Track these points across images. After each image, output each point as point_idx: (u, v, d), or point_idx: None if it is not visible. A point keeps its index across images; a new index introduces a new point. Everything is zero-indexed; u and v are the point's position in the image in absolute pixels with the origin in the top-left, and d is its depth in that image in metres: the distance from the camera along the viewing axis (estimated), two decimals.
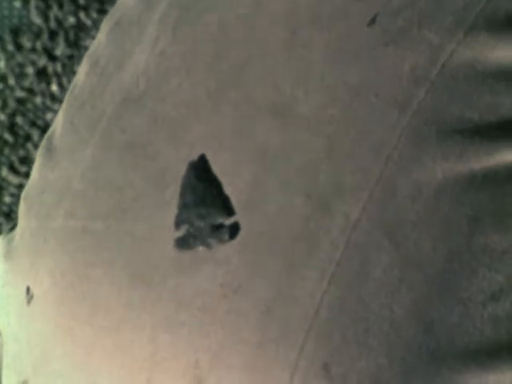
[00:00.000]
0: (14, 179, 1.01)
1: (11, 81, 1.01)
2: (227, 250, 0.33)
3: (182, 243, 0.34)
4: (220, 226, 0.33)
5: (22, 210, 0.42)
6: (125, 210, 0.36)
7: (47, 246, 0.37)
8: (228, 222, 0.33)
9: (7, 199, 1.01)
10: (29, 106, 1.02)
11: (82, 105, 0.42)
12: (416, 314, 0.33)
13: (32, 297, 0.37)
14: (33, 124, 1.01)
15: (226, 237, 0.33)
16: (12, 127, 1.02)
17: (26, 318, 0.37)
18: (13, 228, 0.42)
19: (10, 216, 1.00)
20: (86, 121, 0.40)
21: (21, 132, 1.02)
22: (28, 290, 0.37)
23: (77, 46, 0.94)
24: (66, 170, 0.39)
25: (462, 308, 0.34)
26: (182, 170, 0.35)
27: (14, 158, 1.01)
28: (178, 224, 0.34)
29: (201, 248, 0.33)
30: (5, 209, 1.01)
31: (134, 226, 0.35)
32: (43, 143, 0.42)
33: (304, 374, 0.32)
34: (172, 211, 0.35)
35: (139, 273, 0.34)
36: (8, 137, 1.02)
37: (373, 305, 0.33)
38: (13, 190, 1.00)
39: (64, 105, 0.43)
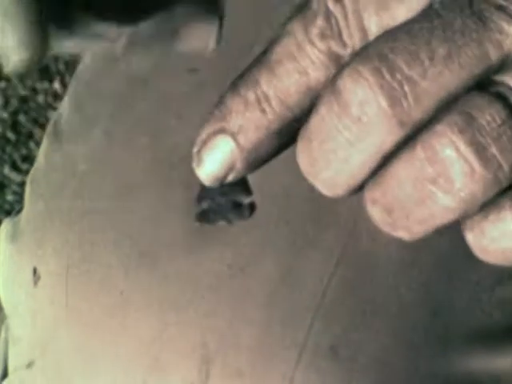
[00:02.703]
0: (16, 177, 1.01)
1: (14, 79, 1.01)
2: (235, 230, 0.33)
3: (202, 218, 0.34)
4: (239, 205, 0.33)
5: (27, 192, 0.42)
6: (131, 189, 0.35)
7: (53, 227, 0.37)
8: (246, 201, 0.33)
9: (9, 197, 1.01)
10: (31, 104, 1.03)
11: (87, 87, 0.42)
12: (424, 296, 0.33)
13: (39, 278, 0.37)
14: (35, 122, 1.01)
15: (247, 214, 0.33)
16: (14, 125, 1.02)
17: (33, 300, 0.37)
18: (19, 211, 0.42)
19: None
20: (92, 102, 0.40)
21: (23, 130, 1.03)
22: (35, 271, 0.37)
23: None
24: (71, 152, 0.39)
25: (470, 291, 0.34)
26: (189, 150, 0.35)
27: (17, 156, 1.01)
28: (199, 199, 0.34)
29: (221, 223, 0.33)
30: (7, 207, 1.01)
31: (141, 205, 0.35)
32: (49, 128, 0.42)
33: (312, 355, 0.32)
34: (179, 191, 0.35)
35: (146, 252, 0.34)
36: (10, 135, 1.02)
37: (380, 287, 0.33)
38: (15, 187, 1.00)
39: (70, 89, 0.43)
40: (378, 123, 0.23)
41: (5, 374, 0.40)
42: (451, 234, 0.29)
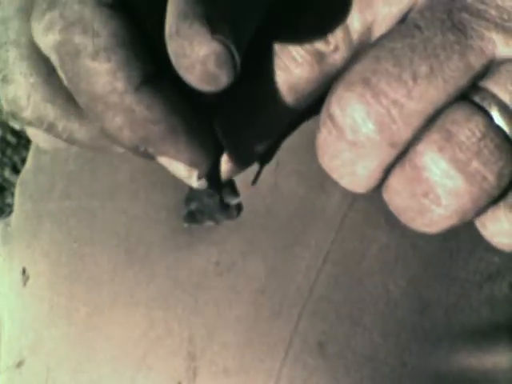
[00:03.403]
0: (16, 180, 1.01)
1: None
2: (223, 229, 0.33)
3: (190, 218, 0.34)
4: (227, 206, 0.34)
5: (17, 194, 0.42)
6: (120, 188, 0.36)
7: (42, 227, 0.38)
8: (234, 202, 0.34)
9: (9, 200, 1.02)
10: None
11: None
12: (412, 293, 0.33)
13: (28, 278, 0.37)
14: None
15: (235, 214, 0.34)
16: (15, 128, 1.03)
17: (22, 300, 0.37)
18: (10, 213, 0.42)
19: None
20: None
21: (24, 133, 1.03)
22: (24, 271, 0.37)
23: None
24: (60, 153, 0.39)
25: (458, 288, 0.34)
26: None
27: (17, 159, 1.02)
28: (188, 200, 0.34)
29: (209, 223, 0.34)
30: (7, 210, 1.01)
31: (130, 204, 0.35)
32: None
33: (299, 351, 0.32)
34: (168, 192, 0.35)
35: (134, 250, 0.34)
36: (11, 138, 1.02)
37: (368, 283, 0.33)
38: (15, 190, 1.00)
39: None
40: (371, 147, 0.23)
41: None
42: (439, 232, 0.29)
